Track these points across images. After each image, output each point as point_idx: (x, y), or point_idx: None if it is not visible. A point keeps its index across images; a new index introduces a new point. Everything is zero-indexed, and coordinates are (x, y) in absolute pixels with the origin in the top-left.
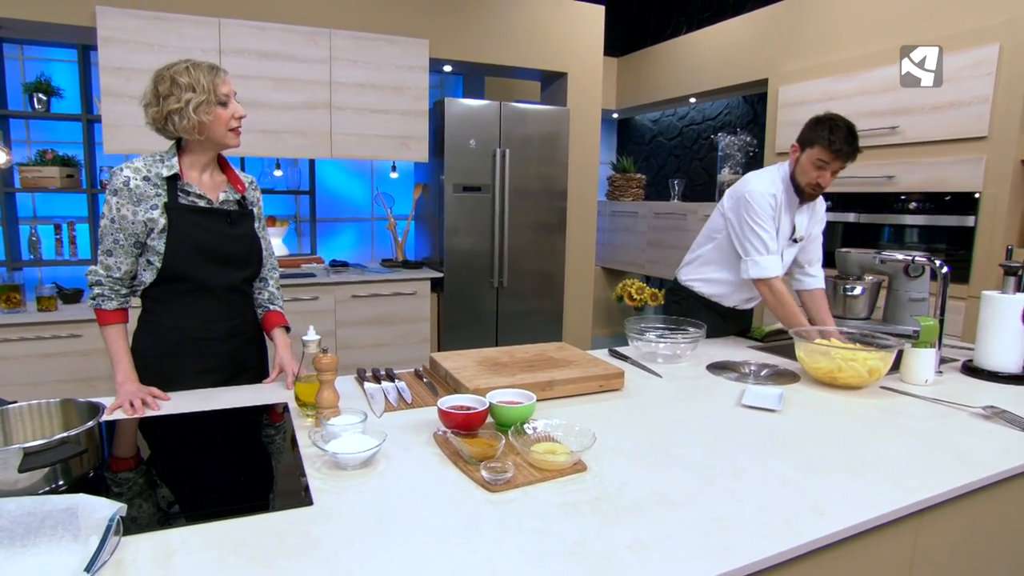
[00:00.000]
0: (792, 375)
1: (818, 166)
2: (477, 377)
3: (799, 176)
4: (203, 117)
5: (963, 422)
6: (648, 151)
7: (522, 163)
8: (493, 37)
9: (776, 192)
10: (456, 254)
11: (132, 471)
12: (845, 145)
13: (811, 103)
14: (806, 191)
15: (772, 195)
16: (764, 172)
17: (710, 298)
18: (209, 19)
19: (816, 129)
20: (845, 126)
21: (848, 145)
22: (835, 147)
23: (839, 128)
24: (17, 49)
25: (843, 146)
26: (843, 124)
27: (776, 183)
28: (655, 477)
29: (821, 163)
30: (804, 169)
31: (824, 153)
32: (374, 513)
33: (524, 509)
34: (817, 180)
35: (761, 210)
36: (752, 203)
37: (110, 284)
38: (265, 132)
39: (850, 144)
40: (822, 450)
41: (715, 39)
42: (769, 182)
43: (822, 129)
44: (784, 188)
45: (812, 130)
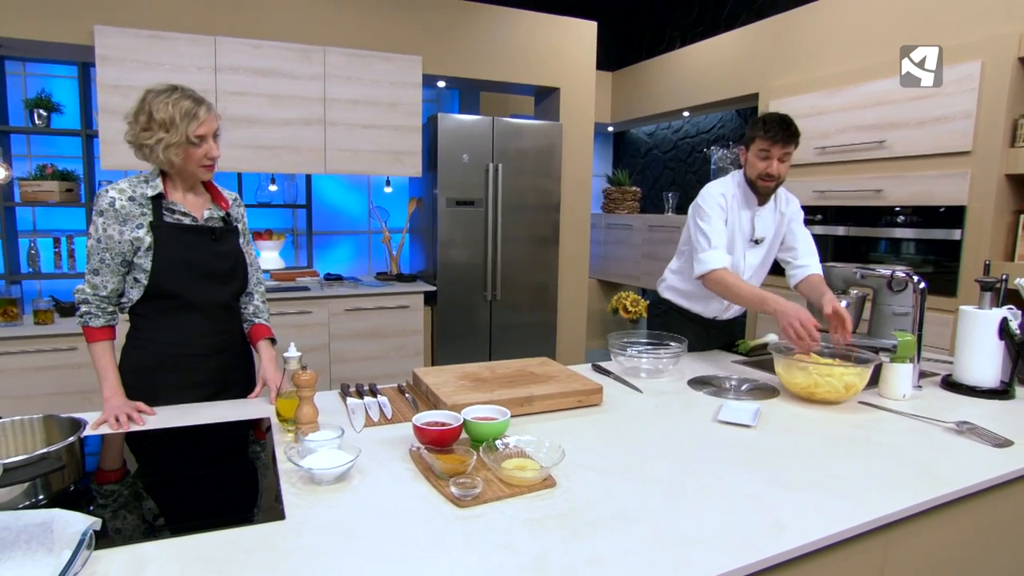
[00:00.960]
0: (772, 390)
1: (761, 157)
2: (456, 393)
3: (749, 173)
4: (172, 157)
5: (935, 438)
6: (643, 164)
7: (515, 177)
8: (486, 53)
9: (725, 192)
10: (449, 267)
11: (113, 485)
12: (778, 129)
13: (801, 117)
14: (759, 185)
15: (721, 194)
16: (719, 180)
17: (689, 310)
18: (205, 37)
19: (752, 127)
20: (776, 115)
21: (780, 127)
22: (769, 133)
23: (770, 117)
24: (19, 66)
25: (777, 131)
26: (774, 114)
27: (728, 185)
28: (623, 493)
29: (763, 153)
30: (752, 164)
31: (762, 142)
32: (344, 528)
33: (491, 524)
34: (765, 170)
35: (708, 207)
36: (700, 203)
37: (97, 302)
38: (260, 148)
39: (782, 126)
40: (792, 466)
41: (707, 54)
42: (720, 184)
43: (756, 125)
44: (740, 190)
45: (749, 129)
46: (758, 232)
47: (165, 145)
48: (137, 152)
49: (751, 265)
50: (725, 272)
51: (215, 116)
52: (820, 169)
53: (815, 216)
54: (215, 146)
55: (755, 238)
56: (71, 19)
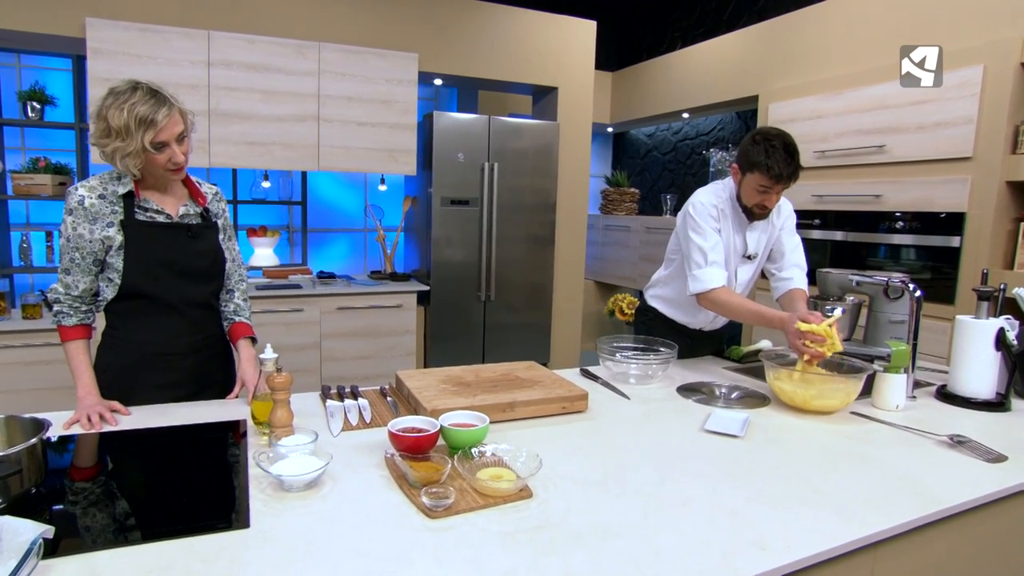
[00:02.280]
0: (763, 398)
1: (760, 191)
2: (437, 397)
3: (744, 198)
4: (130, 166)
5: (927, 451)
6: (643, 165)
7: (511, 177)
8: (483, 51)
9: (718, 203)
10: (443, 267)
11: (85, 483)
12: (784, 168)
13: (801, 120)
14: (754, 212)
15: (714, 205)
16: (710, 186)
17: (675, 320)
18: (198, 32)
19: (752, 153)
20: (782, 147)
21: (787, 167)
22: (773, 173)
23: (775, 151)
24: (14, 58)
25: (782, 170)
26: (779, 144)
27: (721, 196)
28: (601, 506)
29: (762, 188)
30: (747, 192)
31: (763, 178)
32: (309, 538)
33: (461, 537)
34: (762, 202)
35: (701, 220)
36: (693, 214)
37: (69, 301)
38: (253, 144)
39: (789, 165)
40: (777, 480)
41: (707, 55)
42: (713, 194)
43: (758, 154)
44: (731, 204)
45: (749, 153)
46: (751, 248)
47: (122, 154)
48: (101, 156)
49: (742, 281)
50: (724, 291)
51: (179, 118)
52: (819, 173)
53: (813, 220)
54: (178, 151)
55: (748, 254)
56: (63, 11)
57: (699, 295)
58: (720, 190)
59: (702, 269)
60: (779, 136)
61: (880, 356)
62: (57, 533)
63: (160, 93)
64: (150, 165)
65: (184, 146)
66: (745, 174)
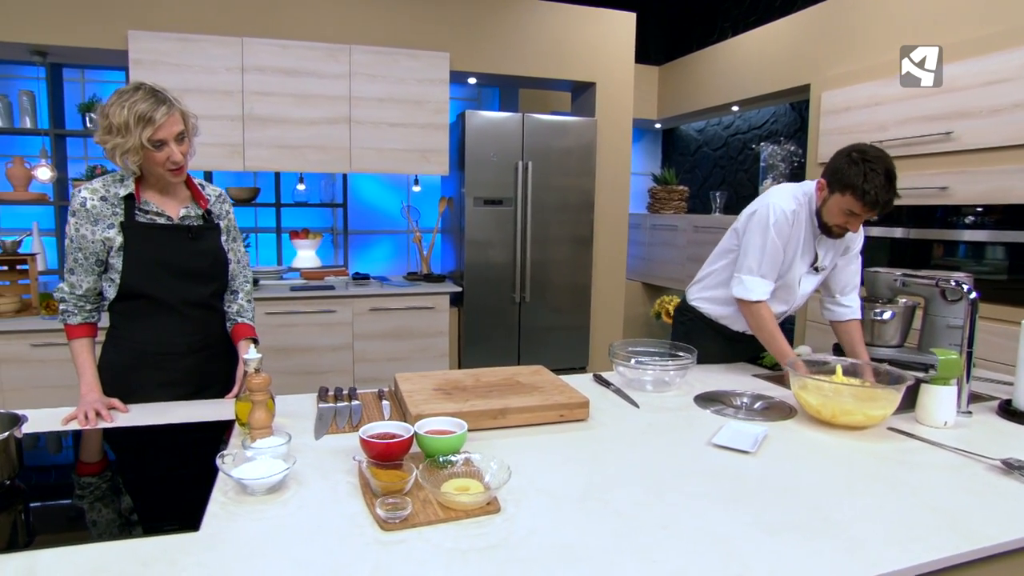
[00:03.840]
0: (789, 410)
1: (846, 213)
2: (426, 402)
3: (826, 216)
4: (130, 163)
5: (974, 477)
6: (693, 162)
7: (546, 176)
8: (516, 48)
9: (796, 209)
10: (476, 268)
11: (39, 485)
12: (883, 194)
13: (856, 109)
14: (834, 231)
15: (793, 211)
16: (788, 189)
17: (717, 320)
18: (232, 39)
19: (848, 173)
20: (884, 171)
21: (885, 194)
22: (869, 199)
23: (875, 175)
24: (79, 73)
25: (880, 196)
26: (881, 169)
27: (801, 201)
28: (572, 525)
29: (852, 213)
30: (831, 212)
31: (856, 205)
32: (254, 544)
33: (408, 553)
34: (844, 226)
35: (774, 227)
36: (767, 218)
37: (73, 301)
38: (285, 147)
39: (887, 192)
40: (783, 504)
41: (757, 44)
42: (792, 198)
43: (855, 175)
44: (808, 212)
45: (843, 173)
46: (821, 260)
47: (121, 151)
48: (105, 155)
49: (804, 292)
50: (765, 307)
51: (179, 118)
52: None
53: None
54: (177, 150)
55: (817, 265)
56: (107, 25)
57: (740, 300)
58: (800, 195)
59: (751, 277)
60: (880, 159)
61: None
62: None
63: (161, 93)
64: (149, 164)
65: (184, 146)
66: (834, 193)
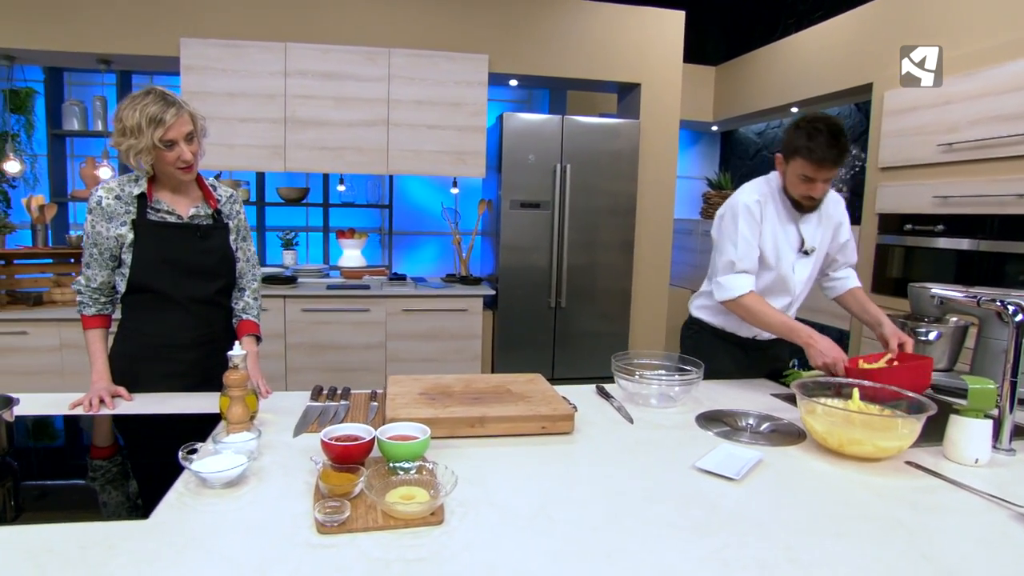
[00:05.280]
0: (798, 435)
1: (804, 179)
2: (406, 406)
3: (789, 189)
4: (143, 163)
5: (990, 525)
6: (751, 166)
7: (586, 179)
8: (557, 49)
9: (761, 198)
10: (511, 272)
11: (7, 465)
12: (828, 152)
13: (923, 108)
14: (803, 204)
15: (756, 202)
16: (753, 182)
17: (723, 329)
18: (276, 44)
19: (794, 138)
20: (827, 128)
21: (831, 150)
22: (816, 156)
23: (818, 134)
24: (147, 79)
25: (825, 153)
26: (823, 127)
27: (764, 190)
28: (513, 544)
29: (806, 177)
30: (792, 183)
31: (806, 166)
32: (193, 536)
33: (331, 559)
34: (808, 193)
35: (739, 223)
36: (729, 214)
37: (89, 293)
38: (325, 149)
39: (834, 148)
40: (751, 539)
41: (816, 41)
42: (755, 190)
43: (799, 138)
44: (778, 198)
45: (790, 140)
46: (808, 242)
47: (135, 152)
48: (120, 157)
49: (802, 279)
50: (752, 297)
51: (188, 119)
52: (944, 170)
53: (934, 227)
54: (187, 150)
55: (805, 248)
56: (162, 33)
57: (727, 302)
58: (763, 184)
59: (728, 275)
60: (823, 119)
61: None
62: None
63: (171, 96)
64: (161, 163)
65: (193, 146)
66: (789, 162)
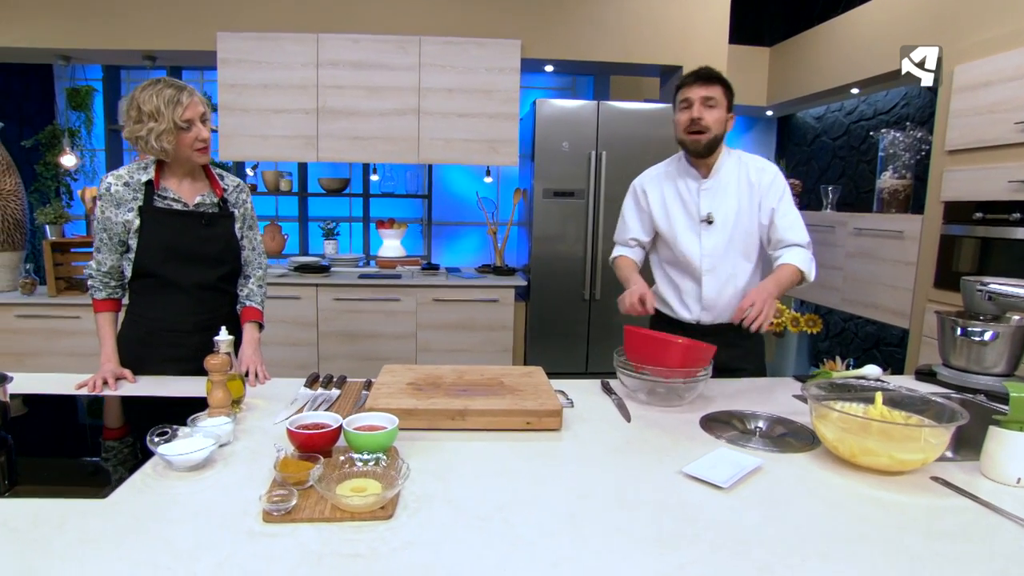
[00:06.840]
0: (812, 441)
1: (682, 108)
2: (389, 396)
3: (679, 135)
4: (164, 144)
5: (1017, 555)
6: (810, 153)
7: (622, 166)
8: (593, 32)
9: (648, 179)
10: (544, 262)
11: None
12: (690, 75)
13: (997, 84)
14: (689, 142)
15: (640, 182)
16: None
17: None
18: (308, 36)
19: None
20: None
21: (696, 71)
22: (681, 81)
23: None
24: (198, 74)
25: (688, 76)
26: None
27: (657, 172)
28: (458, 544)
29: (683, 104)
30: (677, 123)
31: (680, 93)
32: (143, 517)
33: (267, 549)
34: (688, 118)
35: (625, 200)
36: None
37: (99, 277)
38: (356, 139)
39: (696, 71)
40: (723, 556)
41: (878, 15)
42: (646, 172)
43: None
44: (677, 165)
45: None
46: (704, 208)
47: (156, 134)
48: (135, 146)
49: (711, 251)
50: (618, 260)
51: (199, 100)
52: (1022, 152)
53: (1011, 215)
54: (204, 128)
55: (704, 217)
56: (200, 28)
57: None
58: (661, 166)
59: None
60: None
61: None
62: None
63: (180, 82)
64: (179, 146)
65: (208, 126)
66: (674, 109)
